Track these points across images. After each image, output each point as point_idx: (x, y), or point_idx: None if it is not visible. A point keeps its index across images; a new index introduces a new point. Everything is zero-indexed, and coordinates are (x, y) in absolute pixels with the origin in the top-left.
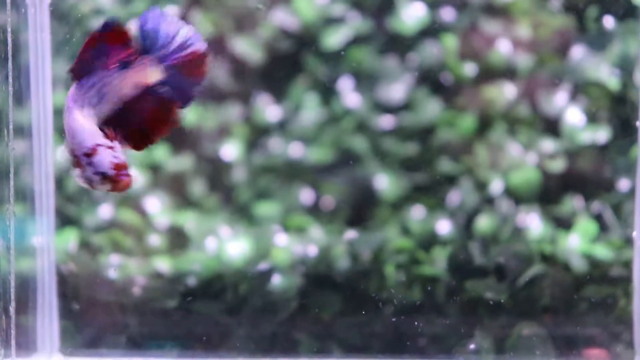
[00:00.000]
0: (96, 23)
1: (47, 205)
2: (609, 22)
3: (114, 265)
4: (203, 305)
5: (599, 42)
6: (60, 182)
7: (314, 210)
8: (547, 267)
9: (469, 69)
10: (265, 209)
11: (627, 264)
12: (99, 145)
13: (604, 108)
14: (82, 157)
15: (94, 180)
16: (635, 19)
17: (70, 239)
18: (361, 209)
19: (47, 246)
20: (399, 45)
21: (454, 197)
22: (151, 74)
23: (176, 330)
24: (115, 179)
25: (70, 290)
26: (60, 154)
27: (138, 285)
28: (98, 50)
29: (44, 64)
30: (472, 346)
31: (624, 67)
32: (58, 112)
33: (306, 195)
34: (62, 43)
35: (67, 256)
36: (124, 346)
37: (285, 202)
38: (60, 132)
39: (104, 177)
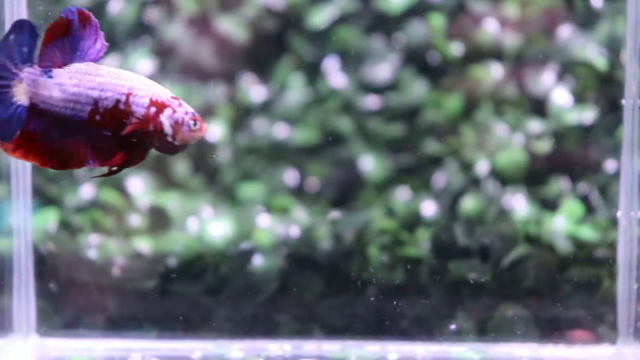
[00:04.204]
0: (77, 0)
1: (24, 185)
2: (597, 1)
3: (93, 245)
4: (183, 286)
5: (587, 21)
6: None
7: (298, 192)
8: (531, 248)
9: (456, 49)
10: (249, 190)
11: (612, 245)
12: None
13: (591, 88)
14: None
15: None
16: None
17: (50, 219)
18: (346, 190)
19: (24, 226)
20: (385, 24)
21: (440, 178)
22: None
23: (156, 311)
24: None
25: (48, 271)
26: None
27: (117, 266)
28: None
29: None
30: (452, 327)
31: (611, 46)
32: None
33: (291, 176)
34: (40, 19)
35: (46, 236)
36: (102, 327)
37: (270, 183)
38: None
39: None
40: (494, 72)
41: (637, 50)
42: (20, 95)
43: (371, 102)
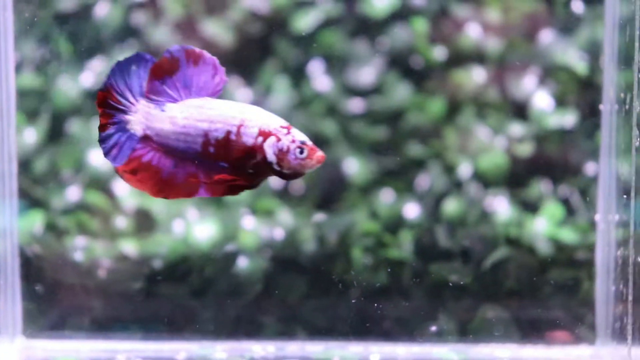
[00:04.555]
0: (63, 4)
1: (11, 188)
2: (577, 6)
3: (78, 248)
4: (168, 287)
5: (567, 26)
6: (26, 164)
7: (283, 194)
8: (512, 250)
9: (439, 53)
10: None
11: (592, 247)
12: None
13: (572, 92)
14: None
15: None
16: (602, 3)
17: (36, 221)
18: (330, 192)
19: (10, 228)
20: (369, 28)
21: (423, 180)
22: None
23: (141, 312)
24: None
25: (34, 273)
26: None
27: (103, 268)
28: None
29: (7, 44)
30: (433, 328)
31: (592, 51)
32: (22, 93)
33: (275, 179)
34: (26, 23)
35: (32, 238)
36: (87, 329)
37: None
38: (25, 113)
39: None
40: (476, 76)
41: (614, 56)
42: (135, 125)
43: (355, 105)
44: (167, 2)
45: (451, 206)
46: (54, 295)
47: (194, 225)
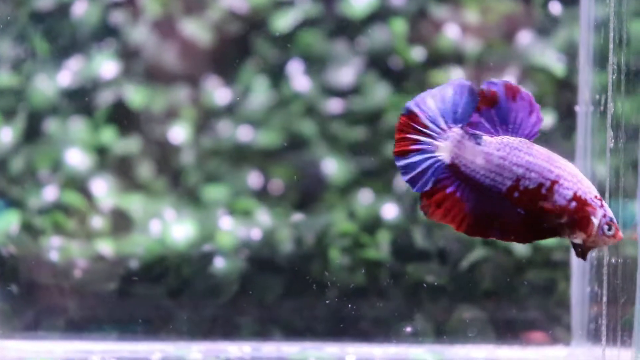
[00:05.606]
0: (40, 3)
1: None
2: (555, 7)
3: (54, 248)
4: (144, 288)
5: (545, 27)
6: (3, 163)
7: (262, 194)
8: (489, 251)
9: (418, 54)
10: (213, 192)
11: (568, 248)
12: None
13: (550, 93)
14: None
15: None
16: (578, 4)
17: (12, 221)
18: (309, 192)
19: None
20: (348, 29)
21: (401, 181)
22: None
23: (116, 313)
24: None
25: (9, 273)
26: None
27: (79, 268)
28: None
29: None
30: (408, 329)
31: (569, 52)
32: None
33: (254, 179)
34: (2, 22)
35: (8, 238)
36: (62, 329)
37: (233, 185)
38: (2, 112)
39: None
40: (454, 77)
41: (590, 58)
42: (444, 151)
43: (334, 105)
44: (146, 1)
45: None
46: (28, 296)
47: (171, 226)
